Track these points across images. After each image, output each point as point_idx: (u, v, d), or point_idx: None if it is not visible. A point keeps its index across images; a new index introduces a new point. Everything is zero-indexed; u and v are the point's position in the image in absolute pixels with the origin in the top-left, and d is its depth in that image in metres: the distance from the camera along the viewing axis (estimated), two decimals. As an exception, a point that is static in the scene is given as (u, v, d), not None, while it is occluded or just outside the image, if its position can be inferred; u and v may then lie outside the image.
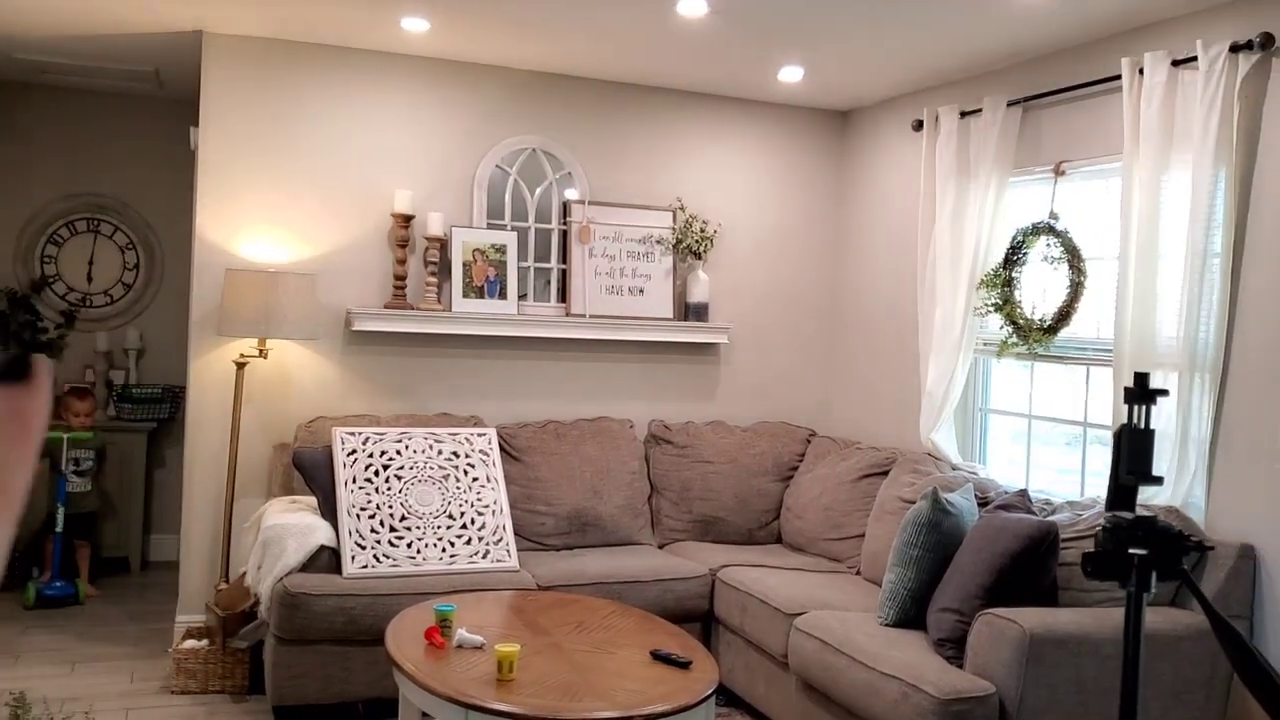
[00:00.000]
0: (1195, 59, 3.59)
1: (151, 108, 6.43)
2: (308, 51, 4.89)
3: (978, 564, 3.53)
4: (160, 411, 6.31)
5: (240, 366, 4.72)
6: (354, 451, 4.42)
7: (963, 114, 4.71)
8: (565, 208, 5.29)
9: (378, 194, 5.03)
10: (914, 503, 4.22)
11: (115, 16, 4.59)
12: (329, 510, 4.32)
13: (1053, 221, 4.27)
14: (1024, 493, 3.90)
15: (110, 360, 6.40)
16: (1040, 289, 4.37)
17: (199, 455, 4.84)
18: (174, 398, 6.30)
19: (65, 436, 5.64)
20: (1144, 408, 1.70)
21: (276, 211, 4.89)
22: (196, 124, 4.84)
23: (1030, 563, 3.46)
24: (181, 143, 6.33)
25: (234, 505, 4.79)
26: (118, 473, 6.16)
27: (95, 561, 5.90)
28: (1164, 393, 1.81)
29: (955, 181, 4.71)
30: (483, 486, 4.53)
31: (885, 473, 4.72)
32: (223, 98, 4.80)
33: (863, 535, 4.64)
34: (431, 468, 4.49)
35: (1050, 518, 3.76)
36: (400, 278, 4.97)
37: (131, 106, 6.39)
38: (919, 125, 4.99)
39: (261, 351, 4.74)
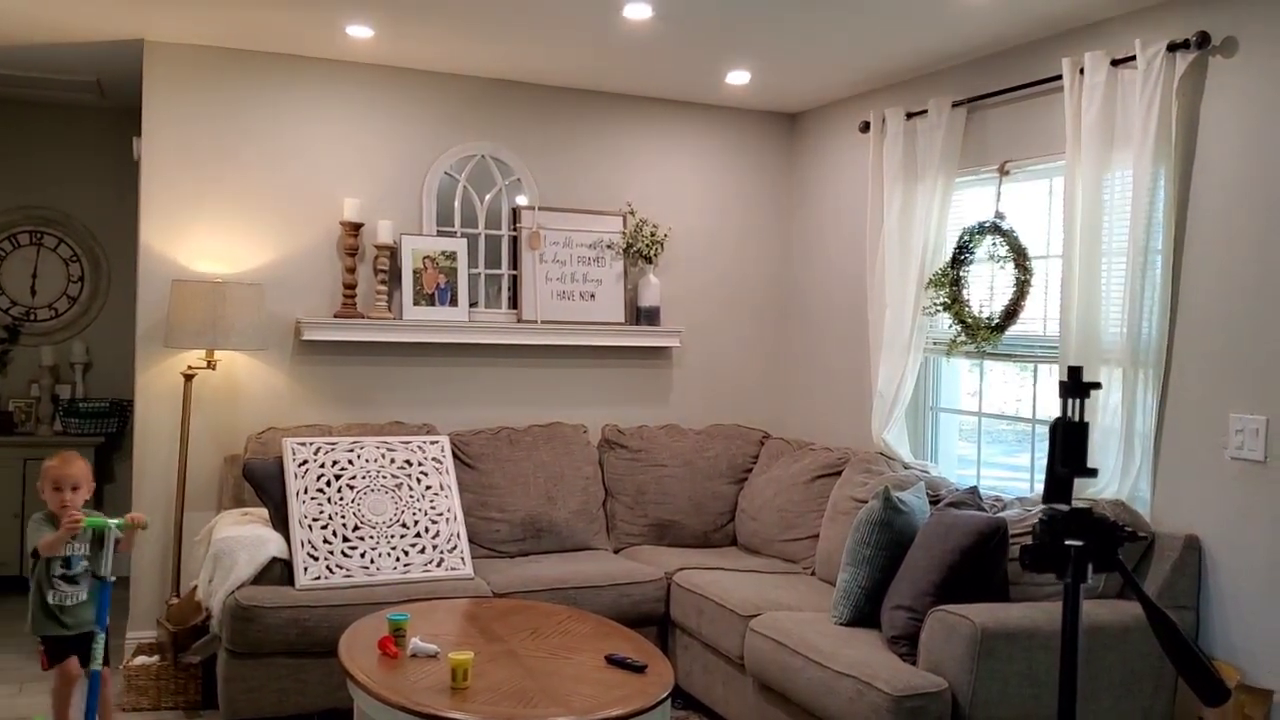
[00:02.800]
0: (1134, 58, 3.64)
1: (94, 118, 6.34)
2: (252, 60, 4.85)
3: (929, 561, 3.56)
4: (108, 425, 6.21)
5: (188, 379, 4.67)
6: (305, 462, 4.38)
7: (909, 115, 4.75)
8: (515, 214, 5.28)
9: (326, 202, 4.98)
10: (867, 502, 4.24)
11: (55, 26, 4.52)
12: (280, 521, 4.27)
13: (999, 221, 4.32)
14: (974, 490, 3.94)
15: (56, 375, 6.29)
16: (987, 288, 4.42)
17: (148, 469, 4.78)
18: (122, 411, 6.20)
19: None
20: (1078, 401, 1.73)
21: (223, 221, 4.83)
22: (139, 134, 4.78)
23: (981, 559, 3.49)
24: (125, 153, 6.23)
25: (184, 518, 4.72)
26: (65, 489, 6.04)
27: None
28: (1096, 385, 1.83)
29: (903, 182, 4.75)
30: (436, 494, 4.51)
31: (838, 473, 4.74)
32: (165, 107, 4.74)
33: (817, 536, 4.66)
34: (384, 477, 4.46)
35: (1000, 514, 3.80)
36: (350, 286, 4.94)
37: (74, 117, 6.30)
38: (866, 127, 5.03)
39: (210, 363, 4.69)
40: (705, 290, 5.70)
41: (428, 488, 4.51)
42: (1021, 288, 4.20)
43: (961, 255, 4.45)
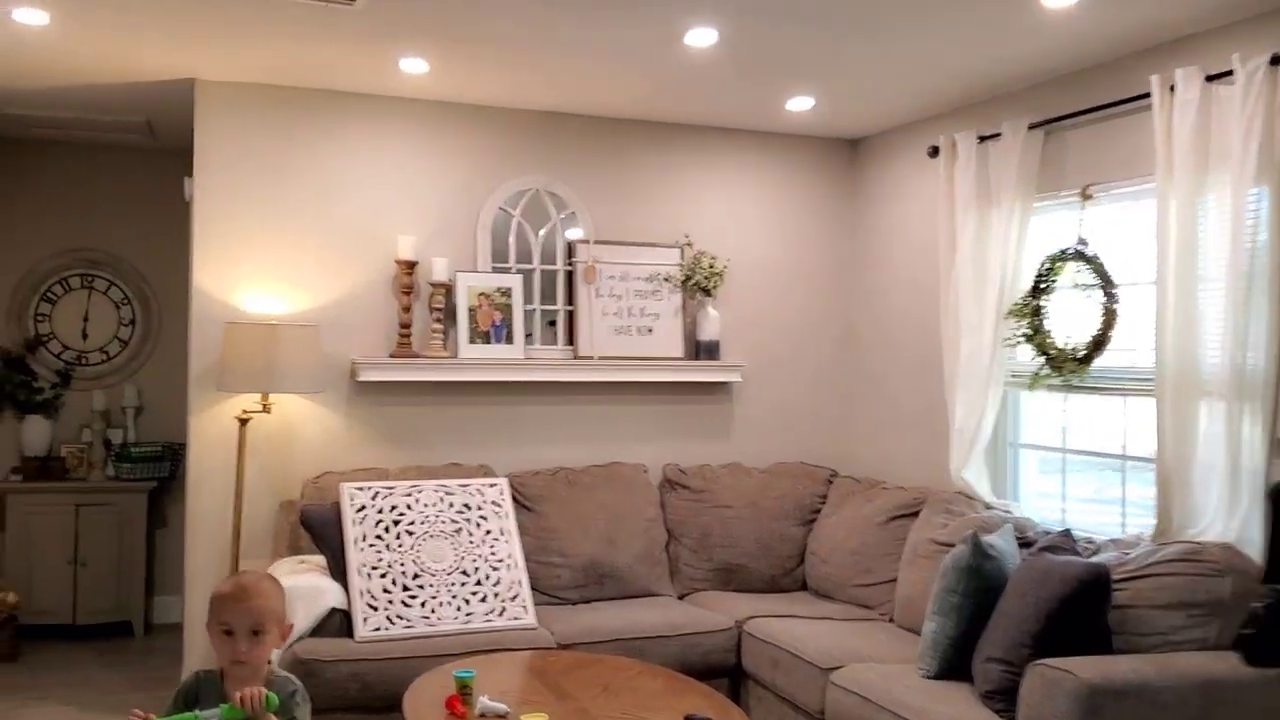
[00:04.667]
0: (1231, 73, 3.44)
1: (144, 159, 6.29)
2: (303, 97, 4.76)
3: (1025, 610, 3.34)
4: (160, 470, 6.12)
5: (243, 423, 4.55)
6: (363, 507, 4.24)
7: (981, 139, 4.57)
8: (570, 248, 5.14)
9: (380, 240, 4.88)
10: (949, 545, 4.04)
11: (106, 67, 4.46)
12: (339, 570, 4.13)
13: (1082, 247, 4.12)
14: (1067, 533, 3.71)
15: (108, 419, 6.22)
16: (1071, 317, 4.20)
17: (201, 515, 4.66)
18: (174, 456, 6.11)
19: None
20: None
21: (276, 261, 4.74)
22: (191, 174, 4.70)
23: (1081, 608, 3.27)
24: (176, 194, 6.17)
25: (239, 566, 4.59)
26: (117, 534, 5.97)
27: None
28: None
29: (976, 209, 4.56)
30: (496, 539, 4.35)
31: (915, 514, 4.53)
32: (217, 147, 4.66)
33: (894, 580, 4.45)
34: (443, 521, 4.31)
35: (1095, 558, 3.57)
36: (405, 325, 4.82)
37: (124, 159, 6.26)
38: (935, 152, 4.84)
39: (264, 406, 4.57)
40: (766, 323, 5.52)
41: (487, 532, 4.35)
42: (1109, 317, 3.99)
43: (1042, 283, 4.25)
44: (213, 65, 4.43)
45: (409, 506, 4.30)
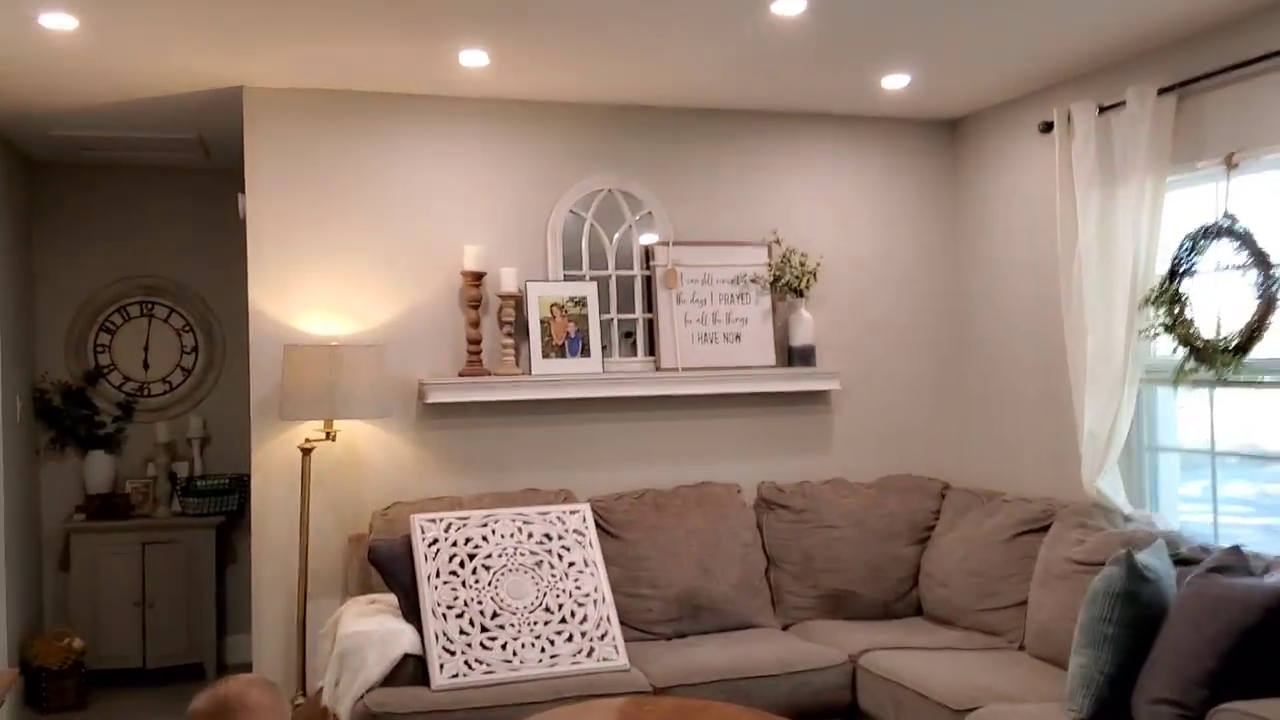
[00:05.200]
0: None
1: (200, 180, 6.06)
2: (357, 101, 4.45)
3: (1197, 643, 2.87)
4: (228, 504, 5.87)
5: (306, 452, 4.25)
6: (436, 541, 3.89)
7: (1102, 109, 4.10)
8: (648, 251, 4.76)
9: (444, 251, 4.55)
10: (1091, 565, 3.57)
11: (146, 76, 4.20)
12: (412, 610, 3.79)
13: (1229, 222, 3.63)
14: (1237, 550, 3.21)
15: (172, 452, 5.98)
16: (1218, 303, 3.71)
17: (267, 552, 4.36)
18: (242, 488, 5.84)
19: None
20: None
21: (335, 278, 4.43)
22: (244, 190, 4.42)
23: (1269, 640, 2.79)
24: (233, 216, 5.93)
25: (308, 606, 4.28)
26: (185, 572, 5.71)
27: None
28: None
29: (1099, 187, 4.09)
30: (580, 572, 3.97)
31: (1044, 528, 4.07)
32: (269, 158, 4.37)
33: (1023, 604, 3.98)
34: (522, 554, 3.95)
35: (1269, 578, 3.08)
36: (474, 341, 4.48)
37: (179, 181, 6.03)
38: (1048, 127, 4.38)
39: (329, 434, 4.26)
40: (865, 324, 5.08)
41: (570, 564, 3.98)
42: (1269, 301, 3.50)
43: (1182, 267, 3.77)
44: (260, 70, 4.14)
45: (485, 538, 3.94)
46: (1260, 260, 3.54)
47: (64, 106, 4.61)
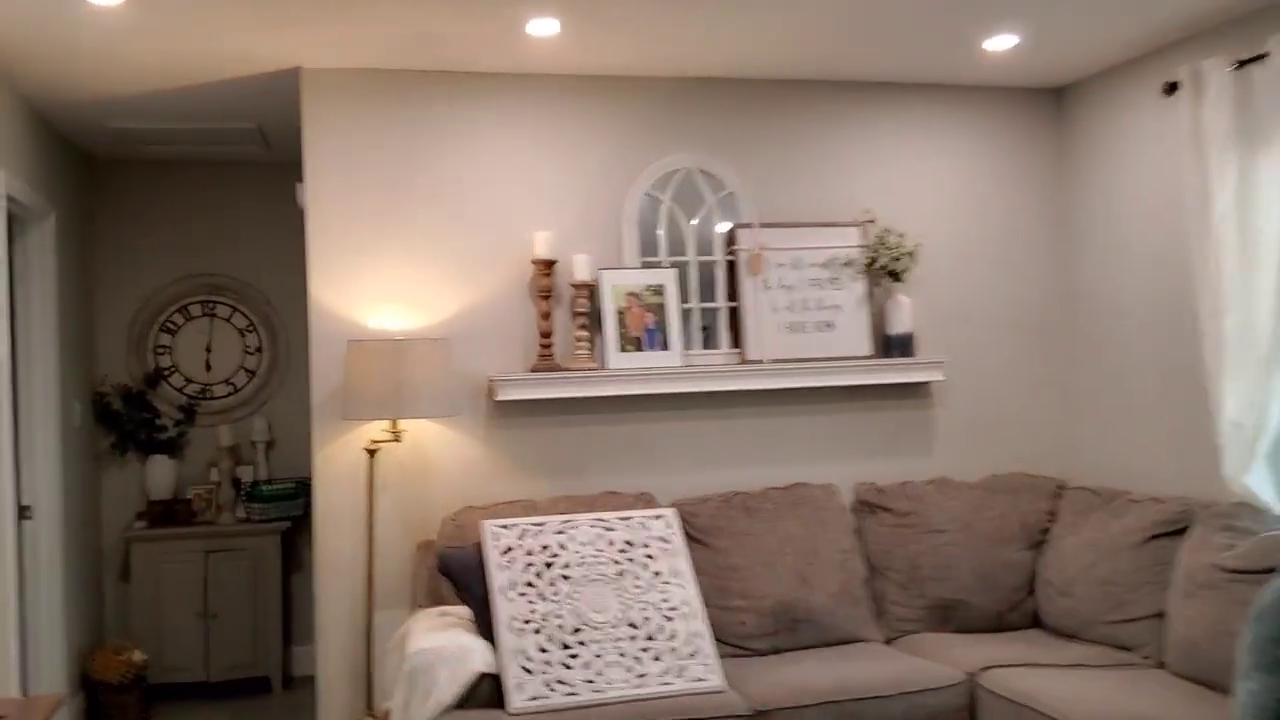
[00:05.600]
0: None
1: (261, 175, 5.84)
2: (419, 81, 4.17)
3: (1396, 666, 2.46)
4: (294, 509, 5.64)
5: (371, 454, 3.98)
6: (509, 549, 3.59)
7: (1239, 63, 3.67)
8: (731, 235, 4.42)
9: (513, 239, 4.25)
10: (1247, 574, 3.17)
11: (205, 61, 3.97)
12: (485, 624, 3.49)
13: (1401, 183, 3.19)
14: None
15: (236, 456, 5.76)
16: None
17: (331, 560, 4.10)
18: (309, 493, 5.60)
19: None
20: None
21: (399, 269, 4.16)
22: (303, 180, 4.17)
23: None
24: (296, 209, 5.71)
25: (374, 619, 4.01)
26: (250, 581, 5.49)
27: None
28: None
29: (1237, 151, 3.66)
30: (667, 582, 3.64)
31: (1180, 531, 3.66)
32: (328, 143, 4.11)
33: (1160, 615, 3.58)
34: (603, 562, 3.63)
35: None
36: (546, 334, 4.17)
37: (240, 175, 5.82)
38: (1172, 88, 3.96)
39: (394, 434, 3.98)
40: (967, 309, 4.68)
41: (656, 574, 3.65)
42: None
43: (1342, 235, 3.34)
44: (318, 50, 3.88)
45: (563, 546, 3.63)
46: None
47: (119, 95, 4.40)
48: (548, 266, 4.17)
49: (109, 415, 5.56)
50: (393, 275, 4.15)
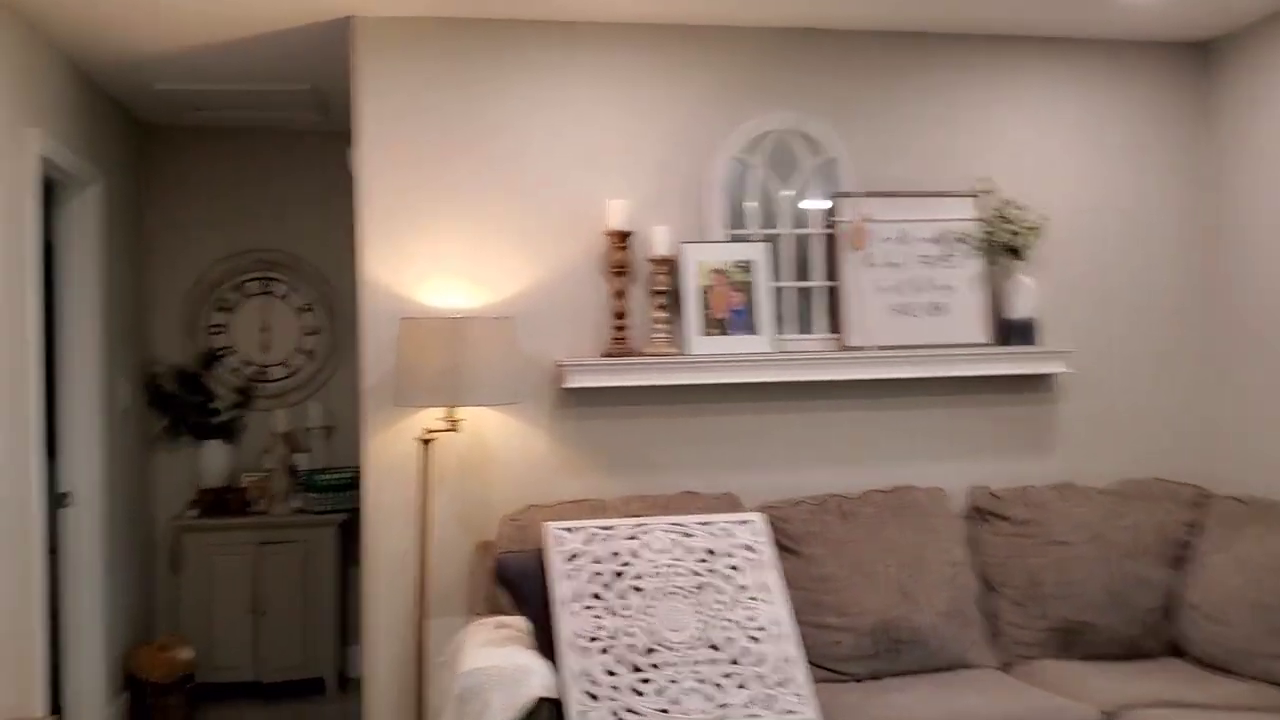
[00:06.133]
0: None
1: (318, 144, 5.49)
2: (482, 31, 3.77)
3: None
4: (352, 499, 5.28)
5: (426, 444, 3.59)
6: (575, 555, 3.17)
7: None
8: (831, 205, 3.94)
9: (585, 208, 3.83)
10: None
11: (254, 9, 3.60)
12: (546, 641, 3.08)
13: None
14: None
15: (292, 442, 5.44)
16: None
17: (381, 560, 3.74)
18: (365, 482, 5.27)
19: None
20: None
21: (459, 240, 3.77)
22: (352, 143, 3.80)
23: None
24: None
25: (427, 627, 3.62)
26: (304, 576, 5.17)
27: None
28: None
29: None
30: (754, 599, 3.19)
31: (1362, 552, 3.10)
32: (381, 99, 3.73)
33: (1337, 651, 3.03)
34: (680, 573, 3.19)
35: None
36: (620, 315, 3.74)
37: (296, 145, 5.49)
38: (1355, 33, 3.39)
39: (451, 423, 3.59)
40: (1097, 292, 4.14)
41: (741, 588, 3.20)
42: None
43: None
44: (370, -7, 3.50)
45: (634, 553, 3.20)
46: None
47: (163, 52, 4.09)
48: (623, 239, 3.74)
49: (161, 398, 5.27)
50: (452, 248, 3.76)
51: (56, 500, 4.29)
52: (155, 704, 4.64)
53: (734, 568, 3.23)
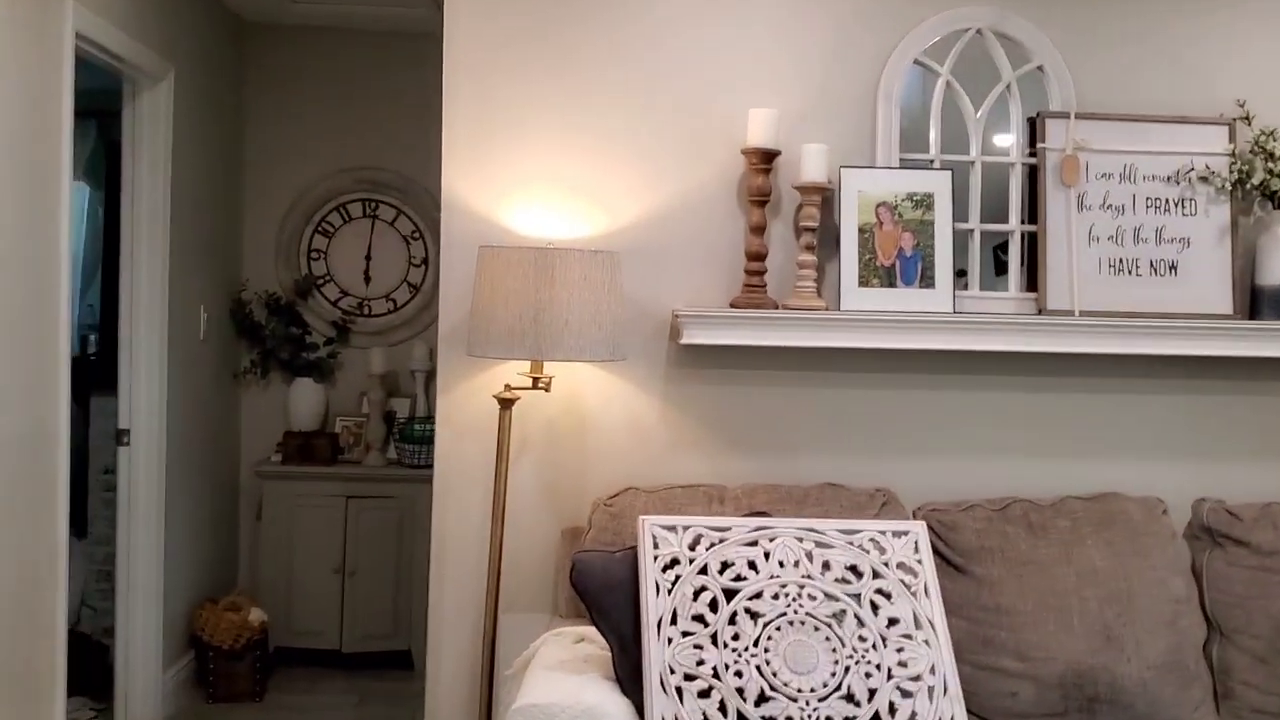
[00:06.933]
0: None
1: (433, 50, 4.85)
2: (605, -107, 3.04)
3: None
4: (451, 452, 4.74)
5: (505, 405, 2.93)
6: (674, 562, 2.47)
7: None
8: (1035, 127, 3.10)
9: (718, 120, 3.08)
10: None
11: None
12: (630, 671, 2.40)
13: None
14: None
15: (392, 385, 4.90)
16: None
17: (449, 541, 3.17)
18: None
19: None
20: None
21: (557, 154, 3.10)
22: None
23: None
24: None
25: (498, 623, 3.00)
26: (396, 536, 4.65)
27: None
28: None
29: None
30: (907, 636, 2.43)
31: None
32: (475, -24, 3.06)
33: None
34: (813, 596, 2.45)
35: None
36: (757, 257, 3.01)
37: (409, 48, 4.89)
38: None
39: (537, 381, 2.92)
40: (1384, 256, 3.19)
41: (892, 622, 2.44)
42: None
43: None
44: None
45: (754, 566, 2.48)
46: None
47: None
48: (766, 160, 2.98)
49: (250, 327, 4.80)
50: (548, 162, 3.08)
51: (115, 438, 3.85)
52: (218, 670, 4.18)
53: (884, 594, 2.48)
